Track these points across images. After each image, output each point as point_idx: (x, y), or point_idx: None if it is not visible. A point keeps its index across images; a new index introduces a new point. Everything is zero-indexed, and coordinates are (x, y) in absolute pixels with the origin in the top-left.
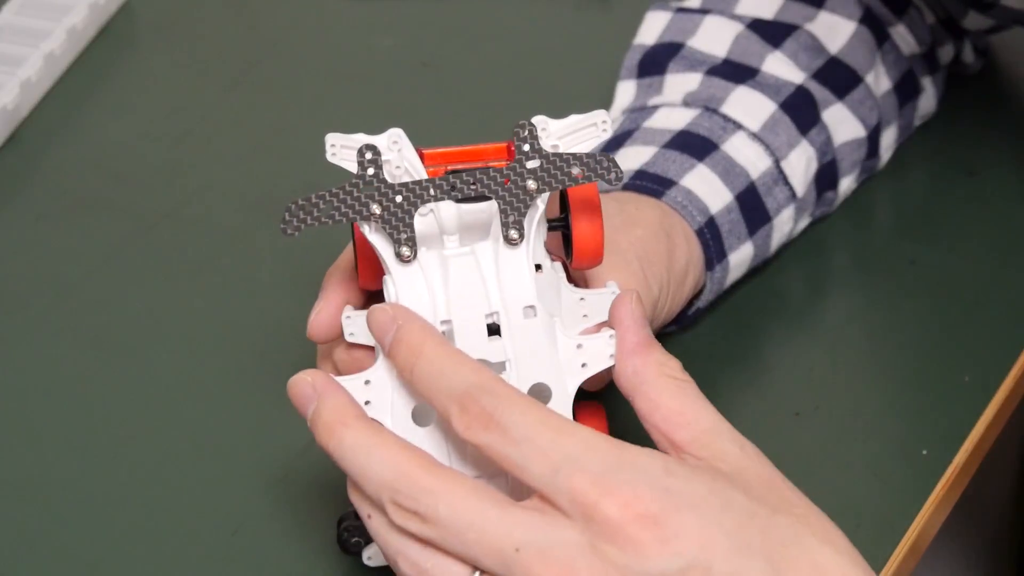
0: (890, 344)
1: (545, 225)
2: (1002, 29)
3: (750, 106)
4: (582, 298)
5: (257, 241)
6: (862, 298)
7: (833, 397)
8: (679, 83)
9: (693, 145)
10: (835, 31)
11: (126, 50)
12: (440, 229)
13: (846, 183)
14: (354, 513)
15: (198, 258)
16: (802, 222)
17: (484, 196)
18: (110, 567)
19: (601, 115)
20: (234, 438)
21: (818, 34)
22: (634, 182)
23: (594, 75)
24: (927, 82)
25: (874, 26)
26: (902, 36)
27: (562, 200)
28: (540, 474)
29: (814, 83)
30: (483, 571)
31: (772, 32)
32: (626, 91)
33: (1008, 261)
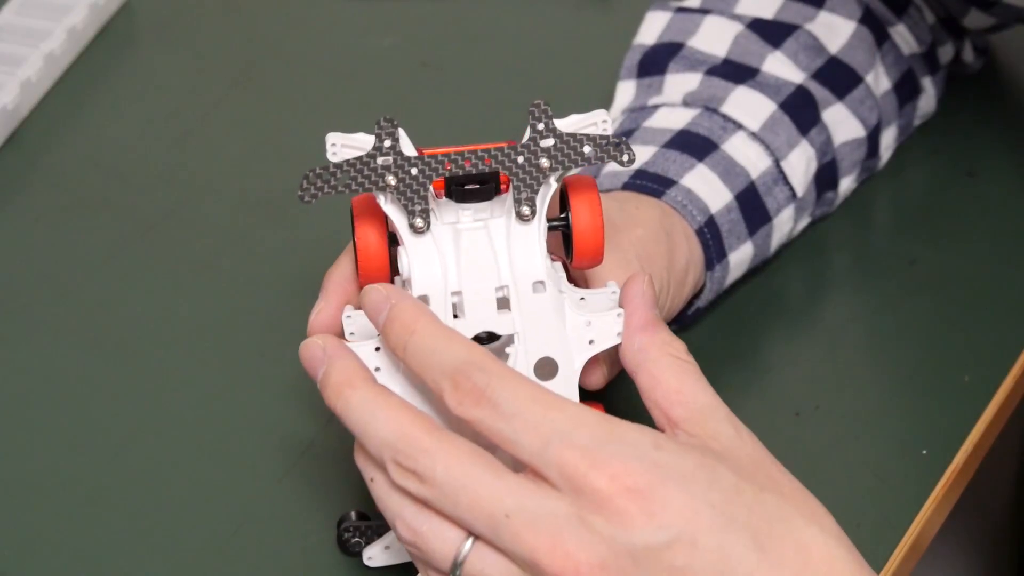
0: (890, 344)
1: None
2: (1003, 28)
3: (750, 106)
4: (582, 298)
5: (257, 241)
6: (862, 298)
7: (833, 397)
8: (679, 83)
9: (693, 145)
10: (835, 31)
11: (126, 50)
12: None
13: (846, 183)
14: (354, 513)
15: (198, 258)
16: (802, 222)
17: (486, 195)
18: (110, 567)
19: (601, 115)
20: (234, 438)
21: (818, 34)
22: (634, 181)
23: (594, 75)
24: (927, 82)
25: (874, 26)
26: (902, 36)
27: (562, 199)
28: (530, 448)
29: (814, 83)
30: (476, 535)
31: (772, 32)
32: (626, 91)
33: (1008, 261)
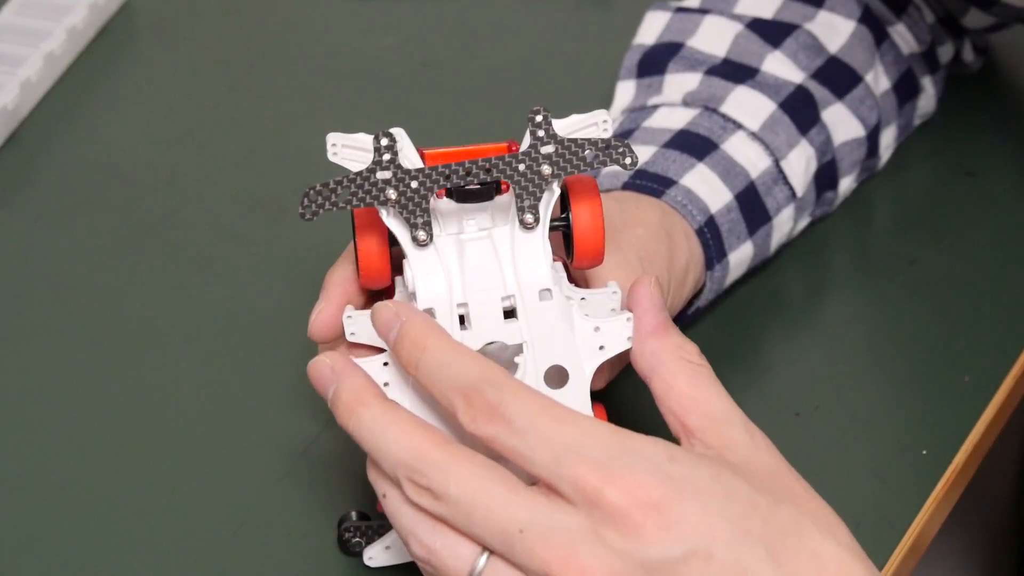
0: (890, 344)
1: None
2: (1003, 27)
3: (750, 106)
4: (583, 298)
5: (257, 241)
6: (862, 298)
7: (833, 397)
8: (679, 83)
9: (693, 144)
10: (834, 30)
11: (126, 50)
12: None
13: (846, 183)
14: (355, 513)
15: (198, 258)
16: (802, 222)
17: (486, 196)
18: (110, 567)
19: (601, 115)
20: (234, 438)
21: (817, 34)
22: (634, 181)
23: (594, 75)
24: (927, 81)
25: (873, 25)
26: (902, 35)
27: (563, 200)
28: (544, 463)
29: (814, 83)
30: (490, 550)
31: (772, 32)
32: (626, 91)
33: (1008, 261)
